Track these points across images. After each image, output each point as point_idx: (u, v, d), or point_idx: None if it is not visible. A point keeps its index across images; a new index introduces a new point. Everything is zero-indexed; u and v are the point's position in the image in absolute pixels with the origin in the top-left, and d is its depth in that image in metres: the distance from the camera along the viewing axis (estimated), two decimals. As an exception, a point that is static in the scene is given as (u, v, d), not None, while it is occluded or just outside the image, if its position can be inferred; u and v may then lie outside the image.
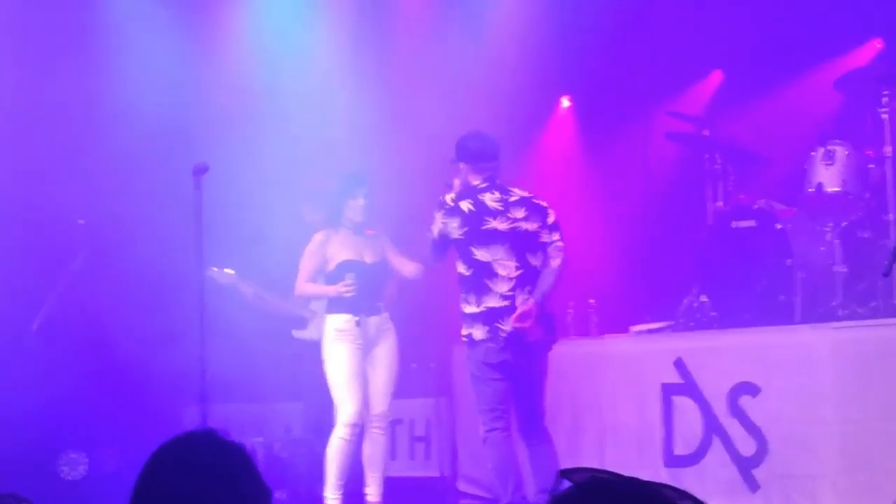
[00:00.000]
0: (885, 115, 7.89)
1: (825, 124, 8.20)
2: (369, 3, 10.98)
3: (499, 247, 6.89)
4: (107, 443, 9.52)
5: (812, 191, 7.98)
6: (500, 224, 6.92)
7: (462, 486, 9.12)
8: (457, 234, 6.95)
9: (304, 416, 9.42)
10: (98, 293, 9.65)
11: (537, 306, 6.82)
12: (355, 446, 7.77)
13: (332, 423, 9.05)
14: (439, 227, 7.02)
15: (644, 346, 8.16)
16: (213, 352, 7.46)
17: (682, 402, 7.69)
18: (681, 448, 7.69)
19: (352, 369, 7.70)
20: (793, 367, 7.22)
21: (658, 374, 7.82)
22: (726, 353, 7.59)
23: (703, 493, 7.15)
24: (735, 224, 8.32)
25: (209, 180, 7.50)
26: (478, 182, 7.04)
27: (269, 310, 9.11)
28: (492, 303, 6.86)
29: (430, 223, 7.07)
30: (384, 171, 9.13)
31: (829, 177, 7.91)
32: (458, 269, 7.01)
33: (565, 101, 11.81)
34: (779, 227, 8.09)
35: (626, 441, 7.98)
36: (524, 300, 6.84)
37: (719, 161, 8.99)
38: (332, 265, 7.84)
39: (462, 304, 6.97)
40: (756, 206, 8.34)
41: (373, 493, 7.88)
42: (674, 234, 10.20)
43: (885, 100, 7.87)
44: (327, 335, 7.80)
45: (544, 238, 7.00)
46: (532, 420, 7.01)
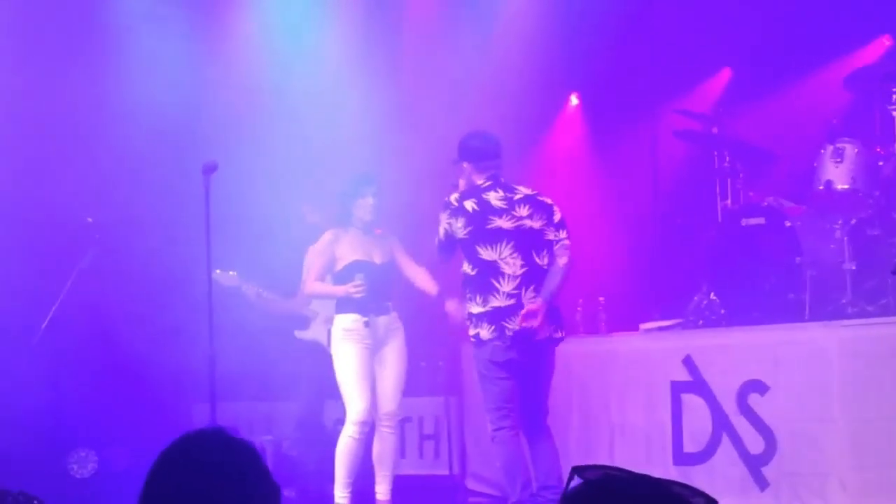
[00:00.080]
0: (895, 113, 7.88)
1: (834, 122, 8.18)
2: (378, 3, 10.98)
3: (504, 245, 6.88)
4: (116, 441, 9.54)
5: (821, 188, 7.97)
6: (504, 222, 6.92)
7: (471, 484, 9.13)
8: (462, 233, 6.95)
9: (295, 416, 9.39)
10: (107, 291, 9.67)
11: (545, 305, 6.83)
12: (365, 445, 7.77)
13: (321, 423, 9.08)
14: (444, 227, 7.02)
15: (653, 344, 8.16)
16: (222, 350, 7.48)
17: (691, 400, 7.68)
18: (690, 446, 7.69)
19: (360, 369, 7.70)
20: (802, 364, 7.21)
21: (667, 372, 7.81)
22: (735, 351, 7.58)
23: (713, 491, 7.15)
24: (744, 222, 8.32)
25: (218, 179, 7.52)
26: (481, 181, 7.04)
27: (272, 310, 9.13)
28: (497, 302, 6.86)
29: (437, 224, 7.07)
30: (393, 171, 9.13)
31: (838, 174, 7.90)
32: (464, 268, 7.01)
33: (574, 99, 11.81)
34: (788, 224, 8.08)
35: (636, 439, 7.98)
36: (531, 299, 6.84)
37: (728, 159, 8.97)
38: (340, 265, 7.83)
39: (468, 304, 6.97)
40: (765, 203, 8.33)
41: (382, 491, 7.88)
42: (683, 232, 10.20)
43: (894, 97, 7.87)
44: (335, 335, 7.80)
45: (550, 236, 6.99)
46: (535, 418, 7.02)
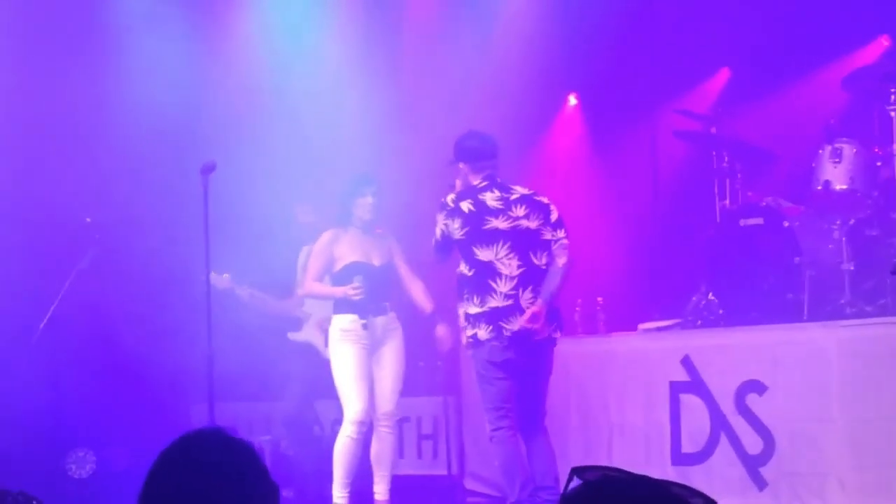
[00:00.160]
0: (893, 113, 7.89)
1: (833, 122, 8.18)
2: (377, 4, 10.98)
3: (500, 246, 6.88)
4: (115, 441, 9.54)
5: (820, 189, 7.97)
6: (501, 223, 6.92)
7: (470, 484, 9.13)
8: (458, 234, 6.95)
9: (283, 415, 9.36)
10: (106, 291, 9.67)
11: (545, 306, 6.83)
12: (363, 445, 7.77)
13: (309, 424, 9.06)
14: (441, 228, 7.02)
15: (652, 344, 8.16)
16: (220, 350, 7.48)
17: (689, 400, 7.69)
18: (688, 446, 7.69)
19: (358, 369, 7.70)
20: (800, 364, 7.22)
21: (666, 372, 7.82)
22: (734, 351, 7.59)
23: (711, 491, 7.15)
24: (743, 222, 8.32)
25: (217, 179, 7.52)
26: (478, 181, 7.04)
27: (265, 311, 9.12)
28: (495, 302, 6.86)
29: (433, 226, 7.08)
30: (392, 170, 9.13)
31: (836, 175, 7.90)
32: (461, 269, 7.00)
33: (572, 100, 11.81)
34: (786, 224, 8.09)
35: (634, 439, 7.99)
36: (529, 300, 6.84)
37: (727, 159, 8.98)
38: (339, 265, 7.83)
39: (466, 304, 6.96)
40: (764, 203, 8.34)
41: (381, 491, 7.88)
42: (681, 232, 10.20)
43: (893, 97, 7.87)
44: (333, 335, 7.80)
45: (547, 236, 6.98)
46: (533, 418, 7.01)
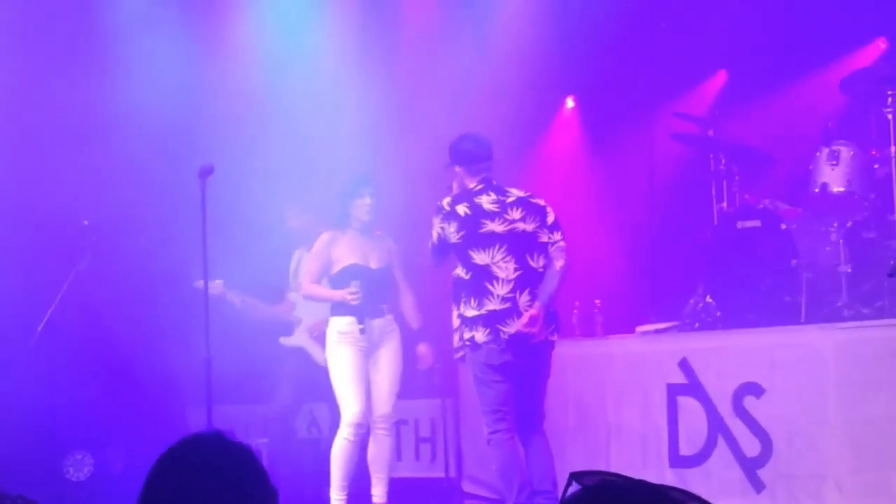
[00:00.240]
0: (890, 115, 7.89)
1: (830, 124, 8.19)
2: (375, 5, 10.98)
3: (496, 249, 6.87)
4: (112, 444, 9.54)
5: (817, 191, 7.98)
6: (497, 226, 6.91)
7: (467, 487, 9.13)
8: (455, 238, 6.94)
9: (269, 418, 9.36)
10: (103, 294, 9.66)
11: (543, 309, 6.84)
12: (360, 447, 7.77)
13: (293, 428, 9.06)
14: (438, 231, 7.02)
15: (649, 347, 8.16)
16: (218, 353, 7.48)
17: (687, 403, 7.69)
18: (686, 448, 7.69)
19: (354, 371, 7.70)
20: (798, 367, 7.22)
21: (663, 375, 7.82)
22: (731, 354, 7.59)
23: (709, 494, 7.15)
24: (740, 224, 8.33)
25: (214, 182, 7.52)
26: (473, 185, 7.04)
27: (257, 317, 9.10)
28: (492, 305, 6.85)
29: (430, 229, 7.08)
30: (390, 172, 9.13)
31: (834, 177, 7.91)
32: (457, 272, 7.00)
33: (570, 102, 11.81)
34: (784, 227, 8.09)
35: (631, 441, 7.99)
36: (526, 302, 6.84)
37: (724, 161, 8.99)
38: (337, 268, 7.83)
39: (462, 307, 6.95)
40: (761, 206, 8.35)
41: (378, 493, 7.88)
42: (679, 235, 10.21)
43: (890, 100, 7.88)
44: (330, 337, 7.81)
45: (544, 238, 6.98)
46: (531, 421, 7.00)
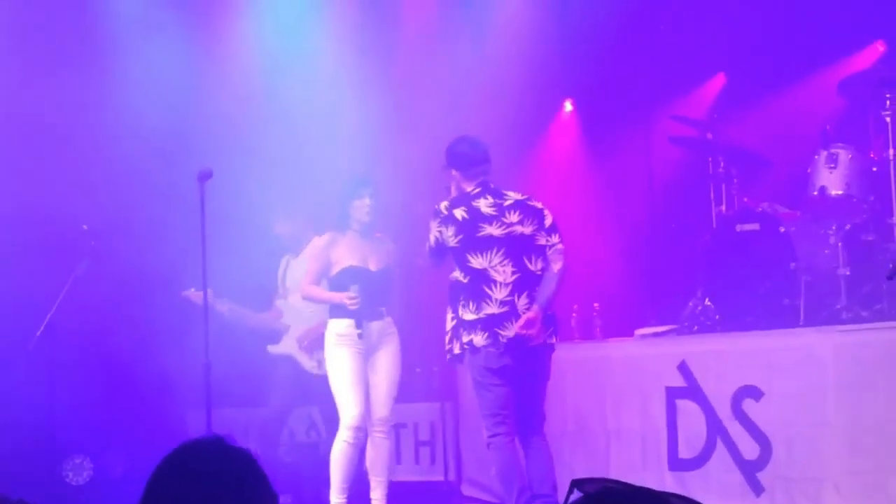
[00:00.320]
0: (888, 118, 7.90)
1: (828, 127, 8.19)
2: (373, 7, 10.99)
3: (494, 253, 6.86)
4: (112, 447, 9.54)
5: (815, 194, 7.98)
6: (494, 230, 6.90)
7: (466, 490, 9.13)
8: (452, 242, 6.93)
9: (258, 422, 9.36)
10: (102, 298, 9.67)
11: (541, 311, 6.83)
12: (360, 450, 7.77)
13: (279, 431, 9.05)
14: (435, 235, 7.01)
15: (648, 350, 8.16)
16: (217, 356, 7.48)
17: (686, 406, 7.69)
18: (685, 451, 7.70)
19: (354, 374, 7.70)
20: (797, 370, 7.22)
21: (662, 378, 7.82)
22: (730, 357, 7.59)
23: (708, 497, 7.19)
24: (739, 227, 8.33)
25: (213, 186, 7.52)
26: (471, 188, 7.02)
27: (245, 325, 9.07)
28: (491, 309, 6.84)
29: (427, 232, 7.07)
30: (388, 174, 9.12)
31: (832, 180, 7.91)
32: (455, 275, 6.99)
33: (568, 105, 11.82)
34: (782, 230, 8.09)
35: (631, 444, 7.99)
36: (525, 306, 6.84)
37: (723, 164, 8.99)
38: (336, 269, 7.82)
39: (461, 310, 6.92)
40: (760, 209, 8.35)
41: (378, 497, 7.87)
42: (677, 238, 10.21)
43: (888, 102, 7.89)
44: (329, 340, 7.80)
45: (542, 241, 6.97)
46: (531, 424, 6.99)
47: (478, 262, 6.87)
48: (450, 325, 7.07)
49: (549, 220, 7.01)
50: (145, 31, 10.03)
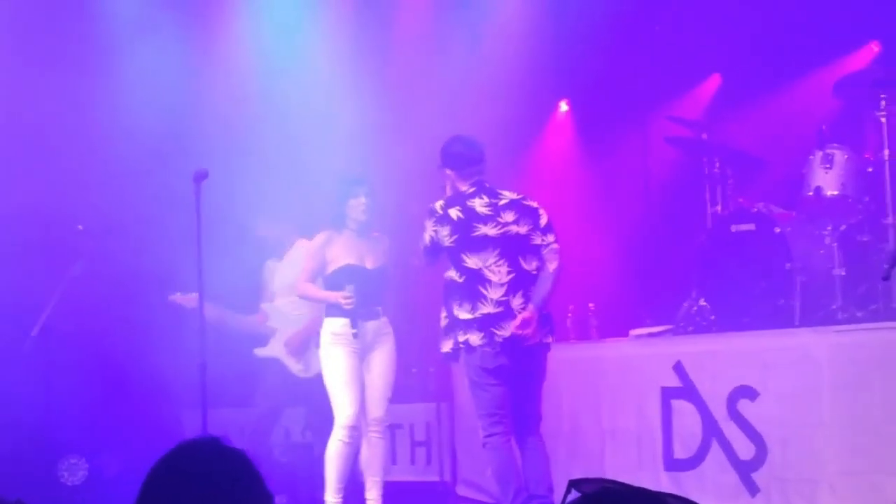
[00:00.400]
0: (884, 119, 7.91)
1: (823, 128, 8.20)
2: (368, 8, 10.99)
3: (489, 252, 6.86)
4: (107, 448, 9.53)
5: (811, 194, 7.99)
6: (490, 229, 6.90)
7: (462, 491, 9.13)
8: (447, 241, 6.92)
9: (246, 423, 9.34)
10: (98, 298, 9.66)
11: (537, 311, 6.83)
12: (355, 449, 7.76)
13: (267, 432, 9.04)
14: (430, 234, 7.00)
15: (643, 350, 8.16)
16: (212, 356, 7.47)
17: (681, 406, 7.70)
18: (680, 452, 7.70)
19: (348, 373, 7.70)
20: (792, 370, 7.23)
21: (657, 378, 7.83)
22: (725, 357, 7.60)
23: (703, 497, 7.19)
24: (734, 228, 8.33)
25: (209, 186, 7.52)
26: (466, 188, 7.02)
27: (231, 329, 9.03)
28: (486, 309, 6.83)
29: (422, 231, 7.07)
30: (383, 173, 9.12)
31: (827, 180, 7.92)
32: (450, 275, 6.98)
33: (563, 105, 11.83)
34: (778, 230, 8.10)
35: (626, 445, 7.99)
36: (520, 305, 6.84)
37: (718, 165, 9.00)
38: (331, 268, 7.82)
39: (456, 310, 6.90)
40: (755, 209, 8.35)
41: (373, 497, 7.87)
42: (673, 238, 10.22)
43: (883, 103, 7.89)
44: (324, 339, 7.80)
45: (537, 240, 6.96)
46: (527, 424, 6.98)
47: (473, 261, 6.87)
48: (443, 324, 7.07)
49: (544, 220, 7.01)
50: (141, 33, 10.03)
